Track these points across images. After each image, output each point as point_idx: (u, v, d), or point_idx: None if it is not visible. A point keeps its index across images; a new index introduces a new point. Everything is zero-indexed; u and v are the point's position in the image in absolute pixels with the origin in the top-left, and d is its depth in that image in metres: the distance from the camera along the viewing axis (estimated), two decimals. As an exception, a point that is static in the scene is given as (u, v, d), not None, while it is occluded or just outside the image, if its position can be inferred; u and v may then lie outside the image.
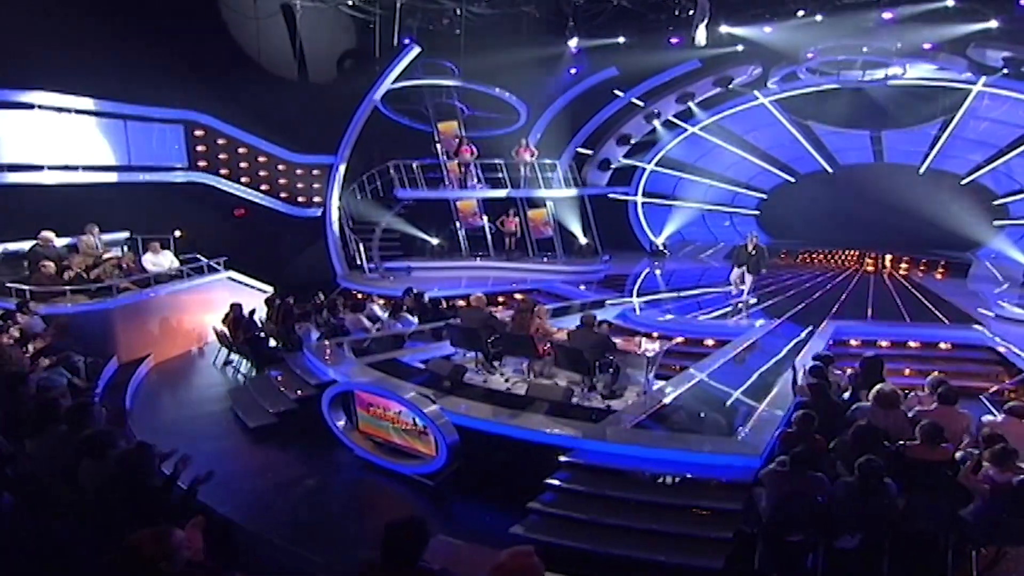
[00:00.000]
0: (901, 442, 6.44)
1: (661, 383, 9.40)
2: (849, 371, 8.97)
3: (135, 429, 8.68)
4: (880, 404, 7.07)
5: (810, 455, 6.03)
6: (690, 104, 21.43)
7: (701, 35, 15.56)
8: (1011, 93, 17.56)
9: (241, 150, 17.83)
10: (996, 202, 20.09)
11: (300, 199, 19.07)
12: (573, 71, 21.85)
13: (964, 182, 20.47)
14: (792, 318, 13.59)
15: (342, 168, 19.14)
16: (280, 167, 18.65)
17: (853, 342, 12.47)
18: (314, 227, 18.98)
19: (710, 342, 12.47)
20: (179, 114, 16.44)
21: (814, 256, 22.75)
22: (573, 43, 20.51)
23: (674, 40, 19.37)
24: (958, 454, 6.43)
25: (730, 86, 20.58)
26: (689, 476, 6.80)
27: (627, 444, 7.18)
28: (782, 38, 17.68)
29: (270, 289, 15.41)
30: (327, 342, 11.27)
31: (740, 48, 18.88)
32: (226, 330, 12.38)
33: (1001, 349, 11.68)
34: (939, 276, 19.59)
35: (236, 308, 12.44)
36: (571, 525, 6.55)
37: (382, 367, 9.97)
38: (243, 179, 17.92)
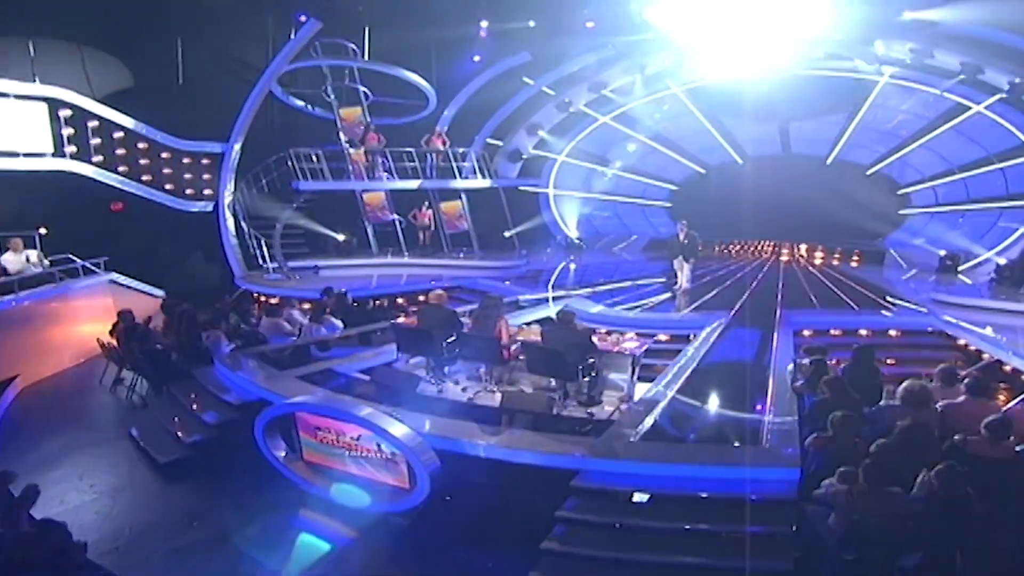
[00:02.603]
0: (958, 436, 5.77)
1: (645, 386, 8.43)
2: (843, 363, 8.36)
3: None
4: (912, 404, 6.40)
5: (884, 470, 5.21)
6: (602, 92, 20.80)
7: (640, 13, 14.93)
8: (916, 85, 17.94)
9: (117, 135, 15.39)
10: (900, 191, 20.64)
11: (188, 191, 16.82)
12: (476, 58, 20.72)
13: (869, 172, 20.92)
14: (740, 311, 13.04)
15: (234, 157, 17.06)
16: (164, 155, 16.35)
17: (806, 332, 12.12)
18: (206, 223, 16.81)
19: (664, 337, 11.73)
20: (41, 90, 13.90)
21: (730, 248, 22.66)
22: (484, 25, 19.50)
23: (589, 23, 18.62)
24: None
25: (642, 74, 20.07)
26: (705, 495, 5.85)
27: (648, 462, 6.08)
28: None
29: (160, 293, 13.37)
30: (243, 353, 9.66)
31: (651, 35, 18.27)
32: (115, 342, 10.43)
33: (951, 332, 11.61)
34: (855, 264, 19.90)
35: (126, 316, 10.56)
36: (597, 566, 5.42)
37: (317, 380, 8.53)
38: (120, 168, 15.49)
